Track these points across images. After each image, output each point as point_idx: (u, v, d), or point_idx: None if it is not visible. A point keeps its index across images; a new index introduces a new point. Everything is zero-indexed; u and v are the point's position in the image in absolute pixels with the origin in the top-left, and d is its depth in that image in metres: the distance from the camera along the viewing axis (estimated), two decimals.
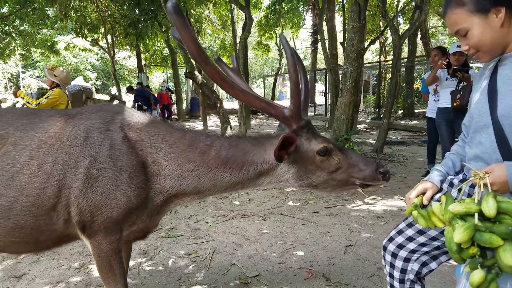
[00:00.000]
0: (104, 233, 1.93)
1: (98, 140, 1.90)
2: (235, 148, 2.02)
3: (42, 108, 4.43)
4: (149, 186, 1.97)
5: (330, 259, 3.45)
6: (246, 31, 8.55)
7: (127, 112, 2.09)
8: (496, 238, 1.29)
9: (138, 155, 1.96)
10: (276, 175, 2.02)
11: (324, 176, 1.96)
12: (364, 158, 2.01)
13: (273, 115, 1.95)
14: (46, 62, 33.82)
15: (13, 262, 3.55)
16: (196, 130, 2.17)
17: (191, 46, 1.68)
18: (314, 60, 24.60)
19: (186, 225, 4.43)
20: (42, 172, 1.85)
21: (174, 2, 1.57)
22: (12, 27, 18.43)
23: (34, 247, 2.07)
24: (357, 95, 7.94)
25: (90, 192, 1.85)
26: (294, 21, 19.90)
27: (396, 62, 7.87)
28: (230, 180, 2.02)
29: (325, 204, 5.01)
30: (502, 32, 1.47)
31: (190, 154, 2.00)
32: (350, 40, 7.44)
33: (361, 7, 7.25)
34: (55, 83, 5.71)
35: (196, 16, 20.95)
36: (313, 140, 1.94)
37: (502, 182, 1.41)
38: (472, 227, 1.33)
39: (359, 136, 11.22)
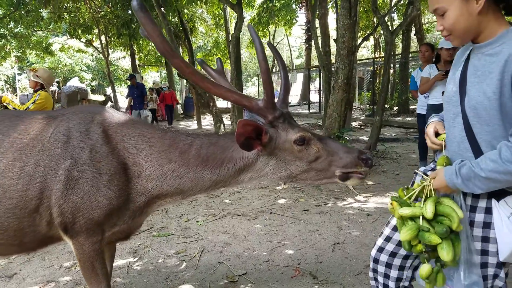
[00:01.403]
0: (86, 234, 1.95)
1: (78, 142, 1.91)
2: (214, 145, 2.02)
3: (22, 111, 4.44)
4: (130, 187, 1.98)
5: (318, 257, 3.48)
6: (237, 30, 8.56)
7: (108, 113, 2.10)
8: (435, 237, 1.49)
9: (119, 157, 1.96)
10: (256, 170, 2.00)
11: (303, 166, 1.92)
12: (344, 146, 1.99)
13: (247, 107, 1.94)
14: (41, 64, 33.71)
15: (5, 262, 3.57)
16: (176, 129, 2.19)
17: (157, 41, 1.69)
18: (308, 58, 24.62)
19: (176, 224, 4.45)
20: (24, 174, 1.86)
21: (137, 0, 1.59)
22: (7, 29, 18.39)
23: (19, 249, 2.08)
24: (349, 92, 7.96)
25: (71, 194, 1.86)
26: (287, 18, 19.89)
27: (388, 58, 7.89)
28: (212, 178, 2.01)
29: (316, 202, 5.04)
30: (478, 19, 1.47)
31: (170, 154, 2.01)
32: (341, 37, 7.44)
33: (351, 3, 7.26)
34: (39, 84, 5.53)
35: (189, 15, 20.95)
36: (290, 130, 1.91)
37: (444, 186, 1.54)
38: (414, 228, 1.54)
39: (353, 134, 11.25)
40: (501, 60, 1.39)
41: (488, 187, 1.42)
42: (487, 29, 1.49)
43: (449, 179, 1.49)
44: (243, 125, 1.76)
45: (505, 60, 1.38)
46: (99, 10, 18.22)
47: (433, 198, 1.56)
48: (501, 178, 1.35)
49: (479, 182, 1.41)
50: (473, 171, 1.41)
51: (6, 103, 5.55)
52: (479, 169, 1.39)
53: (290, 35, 24.86)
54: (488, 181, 1.38)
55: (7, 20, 16.79)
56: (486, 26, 1.49)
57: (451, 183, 1.49)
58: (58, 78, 34.21)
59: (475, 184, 1.42)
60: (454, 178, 1.47)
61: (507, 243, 1.45)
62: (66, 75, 35.12)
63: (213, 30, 23.86)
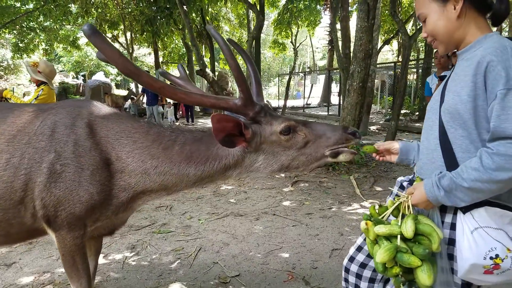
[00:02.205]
0: (68, 228, 1.96)
1: (63, 136, 1.92)
2: (199, 142, 2.00)
3: (18, 103, 4.38)
4: (112, 183, 1.97)
5: (314, 262, 3.43)
6: (254, 30, 8.54)
7: (95, 107, 2.10)
8: (415, 259, 1.37)
9: (102, 152, 1.96)
10: (244, 166, 1.98)
11: (293, 154, 1.91)
12: (329, 125, 1.96)
13: (226, 109, 1.91)
14: (69, 57, 34.64)
15: (6, 251, 3.66)
16: (162, 125, 2.15)
17: (118, 63, 1.63)
18: (330, 59, 24.40)
19: (178, 221, 4.47)
20: (10, 166, 1.88)
21: (88, 24, 1.54)
22: (36, 23, 18.94)
23: (7, 239, 2.11)
24: (364, 95, 7.84)
25: (53, 187, 1.87)
26: (311, 19, 19.75)
27: (406, 63, 7.73)
28: (196, 174, 1.99)
29: (320, 206, 4.98)
30: (457, 24, 1.46)
31: (153, 150, 1.99)
32: (358, 40, 7.34)
33: (370, 6, 7.16)
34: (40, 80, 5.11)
35: (214, 14, 21.12)
36: (274, 122, 1.89)
37: (424, 200, 1.45)
38: (393, 249, 1.41)
39: (370, 138, 11.09)
40: (474, 62, 1.36)
41: (471, 198, 1.34)
42: (468, 35, 1.46)
43: (430, 192, 1.41)
44: (218, 120, 1.72)
45: (477, 62, 1.34)
46: (125, 7, 18.57)
47: (412, 216, 1.45)
48: (484, 187, 1.28)
49: (461, 193, 1.33)
50: (455, 182, 1.34)
51: (8, 97, 5.28)
52: (461, 179, 1.32)
53: (313, 36, 24.69)
54: (471, 191, 1.31)
55: (37, 13, 17.32)
56: (466, 32, 1.46)
57: (432, 196, 1.40)
58: (84, 71, 35.10)
59: (458, 196, 1.35)
60: (435, 191, 1.39)
61: (466, 259, 1.37)
62: (92, 69, 35.92)
63: (236, 29, 23.96)
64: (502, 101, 1.26)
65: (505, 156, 1.23)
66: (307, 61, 44.83)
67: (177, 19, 14.98)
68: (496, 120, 1.27)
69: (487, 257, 1.34)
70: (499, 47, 1.31)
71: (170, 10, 14.34)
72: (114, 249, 3.72)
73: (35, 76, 5.00)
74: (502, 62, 1.28)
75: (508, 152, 1.23)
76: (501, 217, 1.35)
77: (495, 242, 1.33)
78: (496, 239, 1.34)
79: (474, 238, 1.35)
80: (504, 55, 1.29)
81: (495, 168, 1.25)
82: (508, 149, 1.23)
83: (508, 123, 1.24)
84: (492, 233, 1.34)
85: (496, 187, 1.28)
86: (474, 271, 1.37)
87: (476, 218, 1.37)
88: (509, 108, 1.25)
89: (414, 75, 20.86)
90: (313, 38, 26.44)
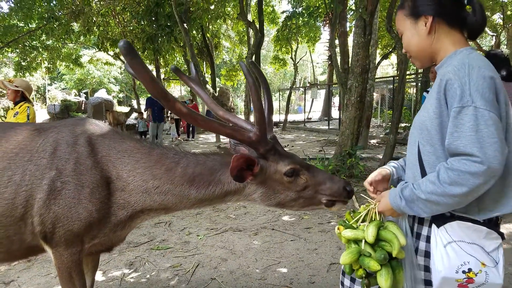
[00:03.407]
0: (65, 244, 1.98)
1: (64, 153, 1.96)
2: (202, 166, 2.04)
3: (19, 122, 4.40)
4: (112, 201, 2.01)
5: (311, 276, 3.43)
6: (253, 46, 8.66)
7: (97, 126, 2.16)
8: (374, 263, 1.45)
9: (103, 170, 2.00)
10: (244, 194, 2.04)
11: (292, 196, 1.98)
12: (330, 176, 2.03)
13: (240, 140, 1.97)
14: (71, 75, 34.97)
15: (5, 269, 3.67)
16: (165, 146, 2.20)
17: (149, 86, 1.62)
18: (330, 74, 24.57)
19: (177, 237, 4.48)
20: (12, 183, 1.91)
21: (125, 41, 1.50)
22: (39, 41, 19.17)
23: (7, 256, 2.13)
24: (363, 110, 7.90)
25: (53, 204, 1.90)
26: (311, 35, 19.99)
27: (403, 77, 7.81)
28: (197, 197, 2.03)
29: (320, 220, 4.98)
30: (428, 41, 1.51)
31: (156, 171, 2.03)
32: (355, 55, 7.44)
33: (366, 22, 7.27)
34: (19, 95, 4.84)
35: (214, 31, 21.38)
36: (280, 162, 1.96)
37: (388, 209, 1.51)
38: (355, 252, 1.50)
39: (370, 151, 11.11)
40: (439, 80, 1.40)
41: (431, 210, 1.37)
42: (441, 50, 1.51)
43: (393, 201, 1.46)
44: (238, 159, 1.80)
45: (440, 80, 1.39)
46: (127, 25, 18.83)
47: (376, 222, 1.53)
48: (440, 200, 1.31)
49: (421, 204, 1.36)
50: (414, 193, 1.37)
51: None
52: (420, 191, 1.36)
53: (313, 52, 24.92)
54: (429, 203, 1.34)
55: (39, 32, 17.57)
56: (439, 48, 1.51)
57: (395, 205, 1.45)
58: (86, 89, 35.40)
59: (419, 207, 1.38)
60: (398, 201, 1.44)
61: (438, 272, 1.40)
62: (94, 86, 36.22)
63: (237, 46, 24.22)
64: (455, 119, 1.29)
65: (458, 172, 1.26)
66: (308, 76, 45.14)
67: (178, 37, 15.20)
68: (449, 138, 1.31)
69: (459, 271, 1.36)
70: (458, 65, 1.35)
71: (171, 28, 14.55)
72: (112, 266, 3.73)
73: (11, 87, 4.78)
74: (458, 80, 1.31)
75: (461, 168, 1.26)
76: (475, 231, 1.37)
77: (468, 256, 1.35)
78: (470, 253, 1.36)
79: (447, 252, 1.38)
80: (461, 72, 1.32)
81: (450, 183, 1.28)
82: (461, 165, 1.26)
83: (460, 140, 1.27)
84: (465, 247, 1.36)
85: (452, 201, 1.30)
86: (446, 284, 1.39)
87: (449, 232, 1.39)
88: (461, 126, 1.27)
89: (414, 89, 20.98)
90: (313, 53, 26.69)
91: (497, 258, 1.37)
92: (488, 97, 1.27)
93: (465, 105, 1.27)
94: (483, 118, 1.25)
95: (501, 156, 1.24)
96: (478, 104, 1.26)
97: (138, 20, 15.72)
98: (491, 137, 1.24)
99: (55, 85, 37.59)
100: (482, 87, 1.28)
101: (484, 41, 26.47)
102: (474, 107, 1.26)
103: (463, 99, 1.28)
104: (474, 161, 1.24)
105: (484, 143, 1.24)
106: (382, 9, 14.16)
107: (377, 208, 1.56)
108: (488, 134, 1.24)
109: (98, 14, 16.43)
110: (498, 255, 1.38)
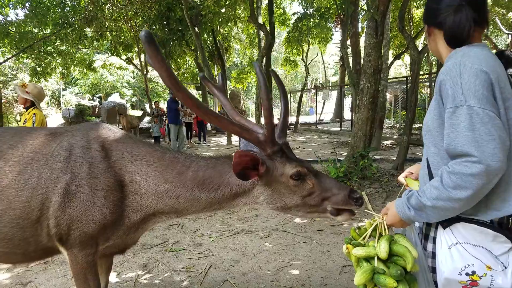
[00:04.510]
0: (80, 246, 2.02)
1: (79, 157, 2.01)
2: (212, 169, 2.07)
3: (35, 127, 4.48)
4: (125, 204, 2.05)
5: (324, 279, 3.42)
6: (264, 49, 8.68)
7: (111, 131, 2.20)
8: (390, 280, 1.41)
9: (117, 174, 2.04)
10: (251, 197, 2.05)
11: (297, 200, 1.97)
12: (338, 183, 2.01)
13: (248, 140, 1.99)
14: (85, 80, 35.44)
15: (22, 270, 3.74)
16: (177, 151, 2.25)
17: (163, 74, 1.69)
18: (342, 75, 24.44)
19: (190, 239, 4.51)
20: (28, 186, 1.97)
21: (147, 31, 1.59)
22: (53, 47, 19.48)
23: (24, 258, 2.18)
24: (375, 111, 7.86)
25: (68, 207, 1.95)
26: (322, 36, 19.92)
27: (416, 78, 7.73)
28: (207, 200, 2.07)
29: (332, 222, 4.95)
30: (433, 44, 1.58)
31: (168, 175, 2.07)
32: (367, 55, 7.41)
33: (378, 23, 7.23)
34: (29, 101, 4.91)
35: (225, 34, 21.47)
36: (287, 164, 1.96)
37: (397, 220, 1.49)
38: (369, 271, 1.45)
39: (383, 153, 11.02)
40: (437, 81, 1.40)
41: (439, 215, 1.36)
42: (444, 53, 1.54)
43: (402, 212, 1.44)
44: (240, 155, 1.81)
45: (437, 80, 1.39)
46: (138, 30, 19.01)
47: (387, 237, 1.49)
48: (446, 205, 1.30)
49: (429, 211, 1.35)
50: (420, 201, 1.36)
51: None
52: (425, 198, 1.35)
53: (324, 53, 24.82)
54: (436, 209, 1.33)
55: (53, 38, 17.83)
56: (442, 51, 1.55)
57: (404, 216, 1.44)
58: (100, 93, 35.84)
59: (428, 214, 1.37)
60: (406, 211, 1.42)
61: (441, 273, 1.40)
62: (107, 91, 36.64)
63: (247, 48, 24.26)
64: (450, 119, 1.29)
65: (461, 175, 1.25)
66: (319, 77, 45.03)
67: (189, 41, 15.30)
68: (446, 138, 1.30)
69: (462, 273, 1.34)
70: (450, 65, 1.34)
71: (182, 32, 14.65)
72: (126, 267, 3.77)
73: (23, 95, 4.86)
74: (449, 80, 1.31)
75: (462, 171, 1.24)
76: (481, 233, 1.35)
77: (473, 259, 1.34)
78: (474, 256, 1.34)
79: (451, 253, 1.37)
80: (452, 72, 1.31)
81: (454, 187, 1.26)
82: (462, 167, 1.24)
83: (457, 140, 1.26)
84: (470, 249, 1.35)
85: (458, 205, 1.29)
86: (450, 286, 1.38)
87: (455, 233, 1.38)
88: (457, 126, 1.26)
89: (427, 89, 20.75)
90: (325, 54, 26.58)
91: (506, 262, 1.34)
92: (481, 95, 1.25)
93: (459, 104, 1.27)
94: (478, 117, 1.24)
95: (500, 154, 1.22)
96: (471, 103, 1.25)
97: (150, 24, 15.83)
98: (488, 135, 1.22)
99: (70, 90, 38.07)
100: (475, 85, 1.26)
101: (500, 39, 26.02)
102: (468, 106, 1.25)
103: (456, 99, 1.28)
104: (473, 161, 1.23)
105: (481, 141, 1.22)
106: (394, 9, 14.07)
107: (385, 222, 1.54)
108: (485, 132, 1.22)
109: (110, 19, 16.60)
110: (507, 259, 1.34)
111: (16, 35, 17.23)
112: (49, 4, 16.88)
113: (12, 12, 21.89)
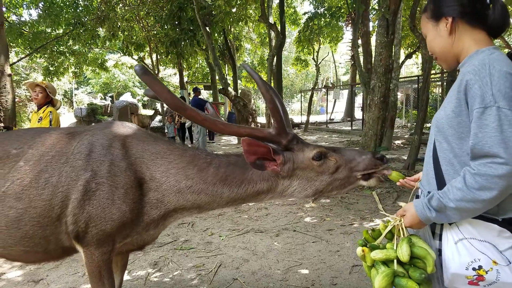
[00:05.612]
0: (97, 244, 2.03)
1: (99, 156, 2.03)
2: (234, 165, 2.09)
3: (54, 127, 4.54)
4: (145, 201, 2.06)
5: (333, 278, 3.41)
6: (274, 48, 8.67)
7: (131, 129, 2.22)
8: (412, 283, 1.39)
9: (137, 172, 2.06)
10: (278, 192, 2.06)
11: (327, 179, 1.98)
12: (357, 151, 2.04)
13: (261, 139, 1.99)
14: (97, 79, 35.80)
15: (34, 268, 3.79)
16: (197, 148, 2.27)
17: (167, 98, 1.74)
18: (353, 74, 24.32)
19: (200, 237, 4.54)
20: (49, 185, 1.99)
21: (139, 65, 1.66)
22: (66, 47, 19.72)
23: (44, 256, 2.20)
24: (386, 110, 7.81)
25: (87, 204, 1.96)
26: (333, 36, 19.84)
27: (427, 77, 7.66)
28: (230, 196, 2.08)
29: (342, 222, 4.95)
30: (449, 41, 1.51)
31: (189, 171, 2.08)
32: (378, 55, 7.38)
33: (389, 22, 7.20)
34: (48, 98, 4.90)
35: (236, 34, 21.50)
36: (306, 148, 1.99)
37: (417, 222, 1.47)
38: (390, 274, 1.43)
39: (394, 152, 10.93)
40: (459, 80, 1.39)
41: (461, 216, 1.36)
42: (464, 50, 1.50)
43: (422, 214, 1.43)
44: (248, 144, 1.83)
45: (460, 80, 1.38)
46: (150, 30, 19.16)
47: (407, 239, 1.47)
48: (470, 206, 1.30)
49: (451, 212, 1.35)
50: (442, 203, 1.36)
51: None
52: (448, 200, 1.34)
53: (335, 52, 24.71)
54: (459, 211, 1.33)
55: (66, 38, 18.07)
56: (462, 48, 1.50)
57: (424, 218, 1.43)
58: (112, 93, 36.14)
59: (449, 215, 1.37)
60: (427, 213, 1.41)
61: (448, 268, 1.40)
62: (119, 90, 36.95)
63: (258, 48, 24.26)
64: (478, 119, 1.28)
65: (487, 176, 1.25)
66: (330, 77, 44.84)
67: (201, 40, 15.34)
68: (474, 138, 1.30)
69: (469, 267, 1.35)
70: (478, 65, 1.33)
71: (193, 31, 14.71)
72: (137, 265, 3.81)
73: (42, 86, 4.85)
74: (478, 81, 1.30)
75: (488, 172, 1.25)
76: (487, 229, 1.36)
77: (479, 254, 1.35)
78: (481, 250, 1.35)
79: (458, 248, 1.37)
80: (482, 73, 1.31)
81: (478, 188, 1.27)
82: (488, 169, 1.25)
83: (485, 141, 1.26)
84: (476, 244, 1.36)
85: (482, 205, 1.29)
86: (456, 281, 1.39)
87: (461, 229, 1.39)
88: (485, 126, 1.26)
89: (439, 88, 20.55)
90: (336, 53, 26.48)
91: (510, 257, 1.35)
92: (511, 97, 1.26)
93: (488, 105, 1.27)
94: (507, 118, 1.24)
95: None
96: (501, 104, 1.25)
97: (161, 24, 15.93)
98: None
99: (82, 89, 38.52)
100: (505, 87, 1.27)
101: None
102: (497, 107, 1.25)
103: (485, 100, 1.27)
104: (500, 163, 1.23)
105: (509, 143, 1.23)
106: (405, 7, 13.93)
107: (403, 224, 1.52)
108: None
109: (122, 19, 16.75)
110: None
111: (30, 35, 17.50)
112: (62, 4, 17.09)
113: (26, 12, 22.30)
